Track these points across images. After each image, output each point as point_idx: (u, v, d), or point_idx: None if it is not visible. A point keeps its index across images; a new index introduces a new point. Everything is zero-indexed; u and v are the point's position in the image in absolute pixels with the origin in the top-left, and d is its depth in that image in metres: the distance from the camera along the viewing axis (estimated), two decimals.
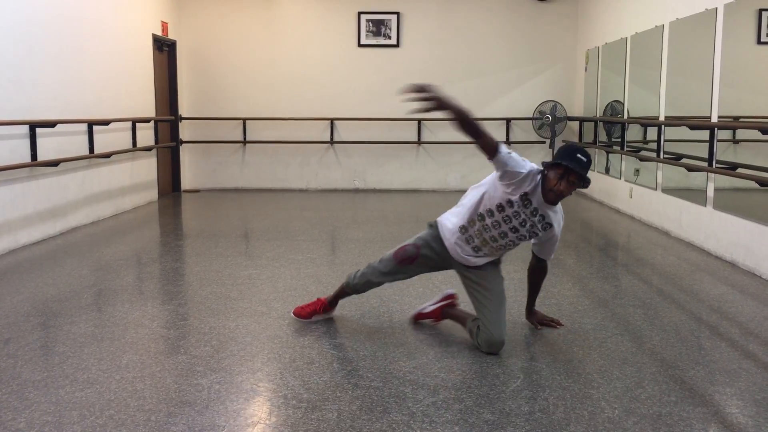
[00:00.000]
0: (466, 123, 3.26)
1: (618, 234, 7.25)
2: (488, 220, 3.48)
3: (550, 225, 3.48)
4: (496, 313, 3.53)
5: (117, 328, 3.95)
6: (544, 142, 10.36)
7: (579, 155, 3.32)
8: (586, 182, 3.37)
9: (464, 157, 10.40)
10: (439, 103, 3.17)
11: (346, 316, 4.13)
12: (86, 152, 7.28)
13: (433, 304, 4.03)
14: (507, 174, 3.35)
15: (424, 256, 3.72)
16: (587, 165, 3.35)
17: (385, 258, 3.81)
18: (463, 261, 3.65)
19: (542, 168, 3.41)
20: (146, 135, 8.95)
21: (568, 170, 3.31)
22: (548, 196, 3.37)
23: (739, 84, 5.80)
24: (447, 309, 3.98)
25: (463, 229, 3.57)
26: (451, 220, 3.67)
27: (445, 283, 4.74)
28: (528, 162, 3.43)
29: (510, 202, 3.41)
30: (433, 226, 3.77)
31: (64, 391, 3.06)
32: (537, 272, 3.88)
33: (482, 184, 3.58)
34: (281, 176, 10.62)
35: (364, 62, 10.43)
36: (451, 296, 4.04)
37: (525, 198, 3.40)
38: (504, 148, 3.35)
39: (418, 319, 4.05)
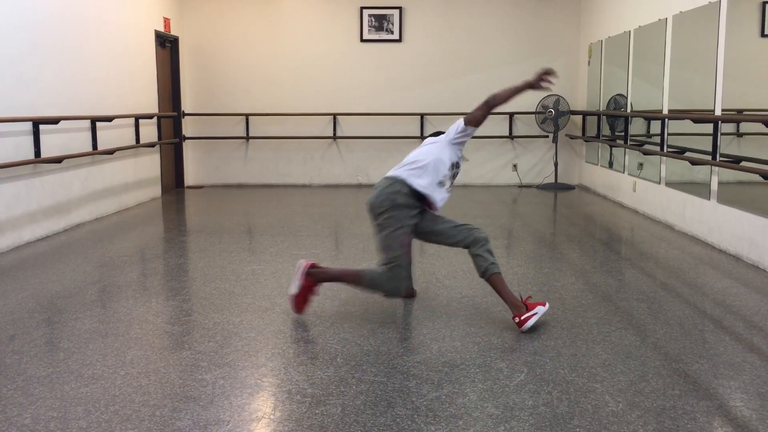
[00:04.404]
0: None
1: (621, 228, 7.24)
2: (454, 170, 4.10)
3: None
4: (462, 225, 4.01)
5: (121, 324, 3.96)
6: (547, 137, 10.35)
7: None
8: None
9: (466, 151, 10.35)
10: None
11: (350, 311, 4.13)
12: (89, 149, 7.29)
13: (299, 281, 4.02)
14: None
15: (411, 225, 3.98)
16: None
17: (393, 256, 3.88)
18: (435, 203, 4.00)
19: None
20: (149, 131, 8.96)
21: None
22: None
23: (742, 77, 5.79)
24: (315, 272, 4.05)
25: (440, 183, 4.00)
26: (420, 180, 3.95)
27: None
28: None
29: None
30: (400, 182, 3.95)
31: (69, 387, 3.07)
32: None
33: (431, 151, 4.04)
34: (284, 172, 10.62)
35: (366, 57, 10.42)
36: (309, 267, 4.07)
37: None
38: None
39: (301, 304, 4.04)
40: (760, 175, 5.17)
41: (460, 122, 4.01)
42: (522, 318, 3.78)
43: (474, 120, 3.93)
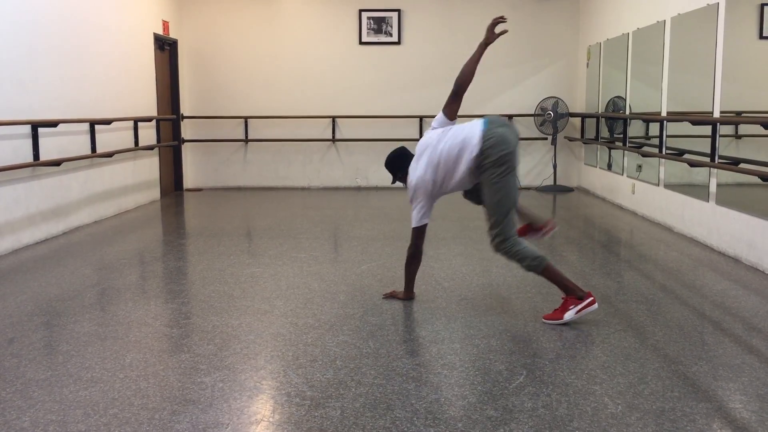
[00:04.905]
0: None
1: (620, 230, 7.24)
2: None
3: None
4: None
5: (120, 327, 3.96)
6: (546, 139, 10.36)
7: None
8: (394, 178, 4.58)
9: None
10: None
11: (349, 314, 4.13)
12: (88, 152, 7.29)
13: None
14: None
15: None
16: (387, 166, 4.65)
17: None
18: None
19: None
20: (148, 134, 8.96)
21: None
22: None
23: (741, 79, 5.79)
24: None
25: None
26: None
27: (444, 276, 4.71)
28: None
29: None
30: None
31: (68, 390, 3.07)
32: None
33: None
34: (283, 174, 10.63)
35: (365, 60, 10.42)
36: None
37: None
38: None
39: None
40: (758, 177, 5.17)
41: (445, 119, 4.18)
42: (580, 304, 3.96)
43: (454, 114, 4.16)
